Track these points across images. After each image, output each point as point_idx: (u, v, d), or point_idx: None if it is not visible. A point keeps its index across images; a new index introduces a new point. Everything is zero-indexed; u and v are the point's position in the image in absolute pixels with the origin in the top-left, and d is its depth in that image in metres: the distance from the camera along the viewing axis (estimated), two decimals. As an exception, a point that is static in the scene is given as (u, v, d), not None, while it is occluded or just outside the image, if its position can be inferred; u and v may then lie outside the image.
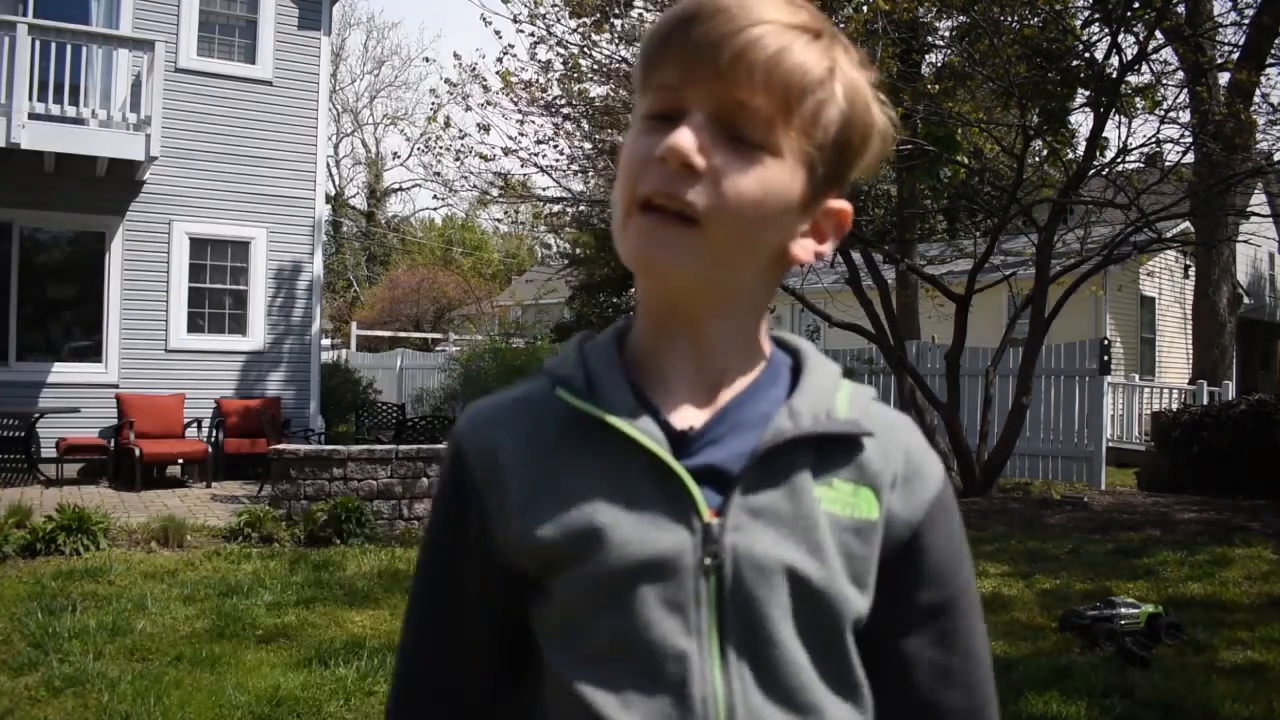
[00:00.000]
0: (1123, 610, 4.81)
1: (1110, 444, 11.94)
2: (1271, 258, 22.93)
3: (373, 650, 4.54)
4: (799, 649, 0.76)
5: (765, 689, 0.75)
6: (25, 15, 9.90)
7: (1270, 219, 20.19)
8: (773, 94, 0.74)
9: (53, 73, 9.52)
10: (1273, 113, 10.28)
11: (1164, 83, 10.07)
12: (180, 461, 10.28)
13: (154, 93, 9.96)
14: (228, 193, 11.22)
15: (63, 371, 10.55)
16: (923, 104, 9.30)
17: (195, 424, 10.84)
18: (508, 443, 0.81)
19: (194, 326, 11.19)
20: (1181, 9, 11.19)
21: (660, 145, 0.74)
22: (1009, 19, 9.05)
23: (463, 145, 11.07)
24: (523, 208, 14.77)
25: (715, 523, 0.76)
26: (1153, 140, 9.88)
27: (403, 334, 26.46)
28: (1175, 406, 12.66)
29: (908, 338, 12.28)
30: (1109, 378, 11.38)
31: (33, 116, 9.40)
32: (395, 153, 63.12)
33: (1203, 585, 5.98)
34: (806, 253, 0.82)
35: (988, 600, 5.69)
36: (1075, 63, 9.39)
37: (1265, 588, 5.92)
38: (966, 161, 10.96)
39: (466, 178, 11.97)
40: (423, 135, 27.31)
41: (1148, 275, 18.80)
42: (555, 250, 26.88)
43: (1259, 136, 10.28)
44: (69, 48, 9.61)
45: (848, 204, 0.83)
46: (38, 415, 10.01)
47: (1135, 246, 10.51)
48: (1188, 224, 13.60)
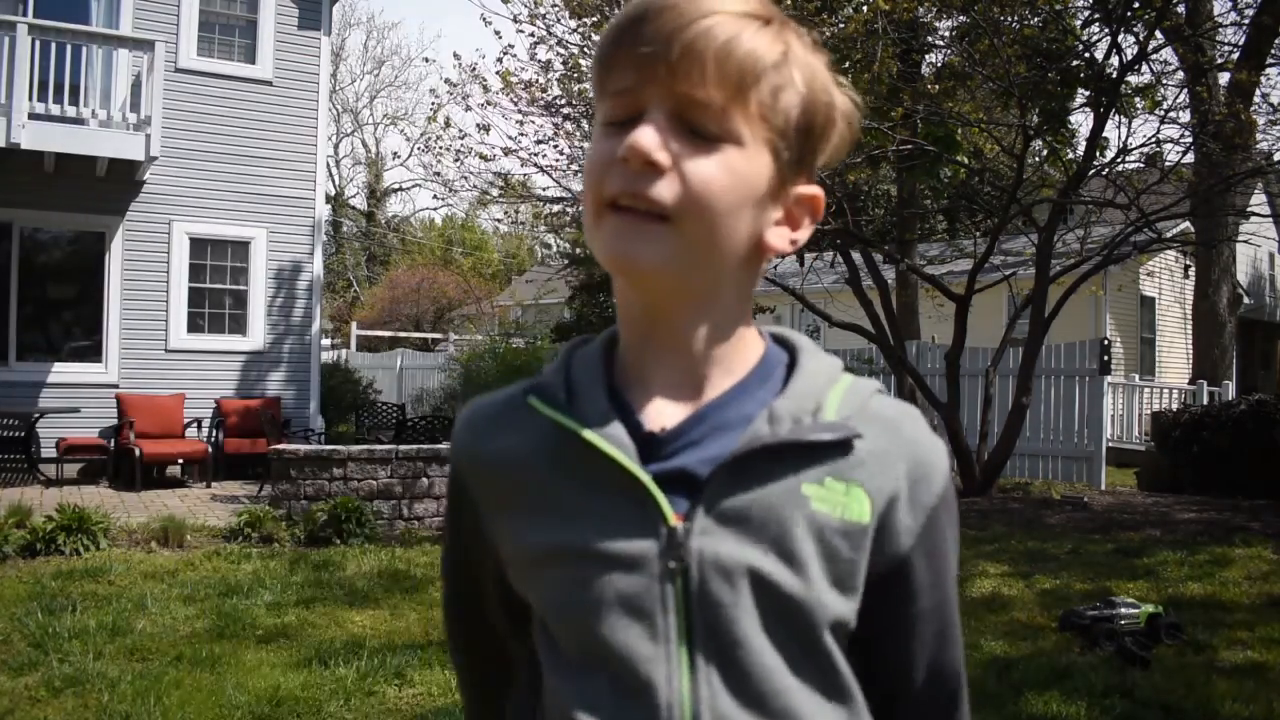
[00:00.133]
0: (1123, 610, 4.80)
1: (1110, 444, 11.93)
2: (1271, 258, 22.93)
3: (373, 650, 4.54)
4: (772, 654, 0.75)
5: (735, 694, 0.74)
6: (25, 15, 9.90)
7: (1270, 219, 20.20)
8: (726, 83, 0.74)
9: (53, 73, 9.52)
10: (1273, 113, 10.29)
11: (1164, 83, 10.07)
12: (180, 461, 10.28)
13: (154, 93, 9.96)
14: (228, 193, 11.22)
15: (63, 371, 10.55)
16: (923, 104, 9.29)
17: (195, 424, 10.85)
18: (492, 449, 0.83)
19: (194, 326, 11.19)
20: (1181, 9, 11.19)
21: (622, 146, 0.74)
22: (1009, 19, 9.04)
23: (463, 145, 11.05)
24: (523, 208, 14.77)
25: (680, 527, 0.75)
26: (1153, 140, 9.88)
27: (403, 334, 26.45)
28: (1175, 406, 12.66)
29: (908, 338, 12.27)
30: (1109, 378, 11.37)
31: (33, 116, 9.40)
32: (395, 153, 63.15)
33: (1203, 585, 5.98)
34: (782, 241, 0.81)
35: (987, 600, 5.69)
36: (1075, 63, 9.39)
37: (1265, 588, 5.92)
38: (966, 161, 10.95)
39: (466, 178, 11.95)
40: (423, 135, 27.33)
41: (1148, 275, 18.80)
42: (555, 250, 26.84)
43: (1259, 136, 10.28)
44: (69, 48, 9.61)
45: (818, 189, 0.83)
46: (38, 415, 10.01)
47: (1135, 246, 10.50)
48: (1188, 224, 13.60)
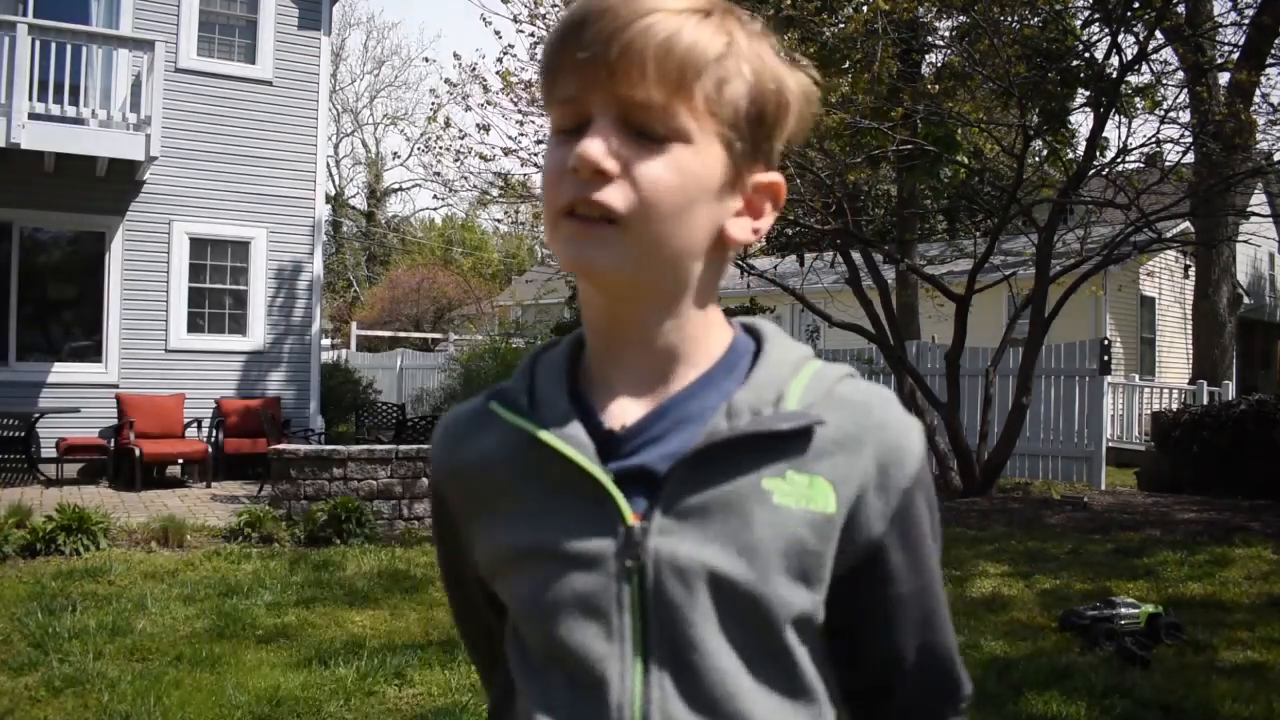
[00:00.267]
0: (1123, 610, 4.80)
1: (1110, 444, 11.93)
2: (1271, 258, 22.93)
3: (373, 650, 4.54)
4: (728, 655, 0.74)
5: (686, 697, 0.74)
6: (25, 15, 9.90)
7: (1270, 219, 20.20)
8: (667, 82, 0.74)
9: (53, 73, 9.52)
10: (1273, 113, 10.28)
11: (1164, 83, 10.07)
12: (180, 461, 10.28)
13: (154, 93, 9.96)
14: (228, 193, 11.22)
15: (63, 371, 10.55)
16: (923, 104, 9.29)
17: (195, 424, 10.85)
18: (465, 456, 0.85)
19: (194, 326, 11.19)
20: (1181, 9, 11.18)
21: (571, 156, 0.74)
22: (1009, 19, 9.04)
23: (463, 145, 11.05)
24: (523, 208, 14.76)
25: (638, 527, 0.75)
26: (1153, 140, 9.87)
27: (403, 334, 26.45)
28: (1175, 406, 12.66)
29: (908, 338, 12.27)
30: (1109, 378, 11.37)
31: (33, 116, 9.40)
32: (395, 153, 63.17)
33: (1203, 585, 5.98)
34: (744, 231, 0.81)
35: (987, 600, 5.68)
36: (1075, 63, 9.39)
37: (1265, 588, 5.91)
38: (966, 161, 10.95)
39: (466, 178, 11.95)
40: (423, 135, 27.33)
41: (1148, 275, 18.80)
42: (555, 250, 26.79)
43: (1259, 136, 10.27)
44: (69, 48, 9.61)
45: (778, 176, 0.82)
46: (38, 415, 10.01)
47: (1135, 246, 10.50)
48: (1188, 224, 13.60)
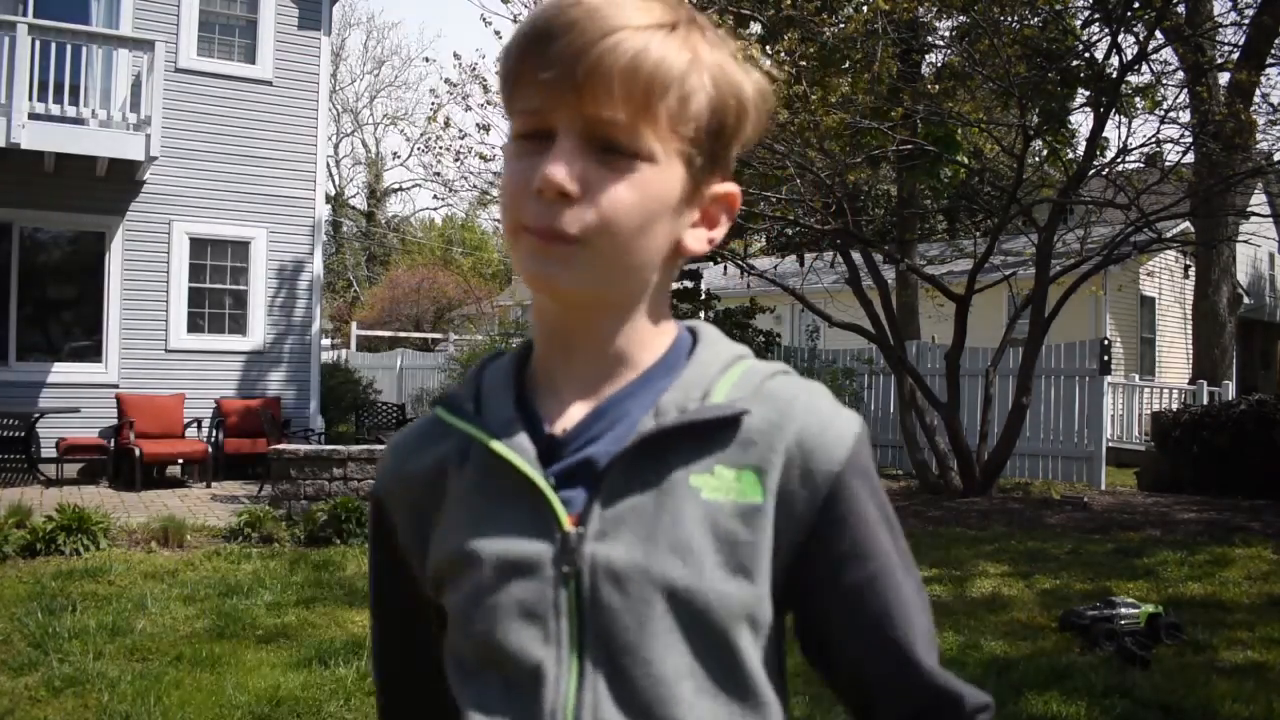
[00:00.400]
0: (1123, 610, 4.81)
1: (1110, 444, 11.93)
2: (1271, 258, 22.93)
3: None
4: (664, 659, 0.74)
5: (620, 701, 0.73)
6: (25, 15, 9.90)
7: (1270, 219, 20.19)
8: (633, 101, 0.73)
9: (53, 73, 9.51)
10: (1273, 113, 10.28)
11: (1164, 83, 10.08)
12: (180, 461, 10.28)
13: (154, 93, 9.96)
14: (228, 193, 11.22)
15: (63, 371, 10.55)
16: (923, 104, 9.30)
17: (195, 424, 10.84)
18: (411, 468, 0.86)
19: (194, 326, 11.19)
20: (1181, 9, 11.19)
21: (536, 177, 0.74)
22: (1009, 19, 9.04)
23: (463, 145, 11.04)
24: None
25: (573, 532, 0.76)
26: (1153, 140, 9.87)
27: (403, 334, 26.45)
28: (1175, 406, 12.65)
29: (908, 338, 12.27)
30: (1109, 378, 11.37)
31: (33, 116, 9.40)
32: (395, 153, 63.12)
33: (1203, 585, 5.98)
34: (699, 243, 0.82)
35: (987, 600, 5.69)
36: (1075, 63, 9.39)
37: (1265, 588, 5.92)
38: (966, 161, 10.96)
39: (466, 178, 11.96)
40: (423, 135, 27.31)
41: (1148, 275, 18.80)
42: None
43: (1259, 136, 10.27)
44: (69, 48, 9.60)
45: (734, 186, 0.83)
46: (38, 415, 10.01)
47: (1135, 246, 10.49)
48: (1188, 224, 13.60)
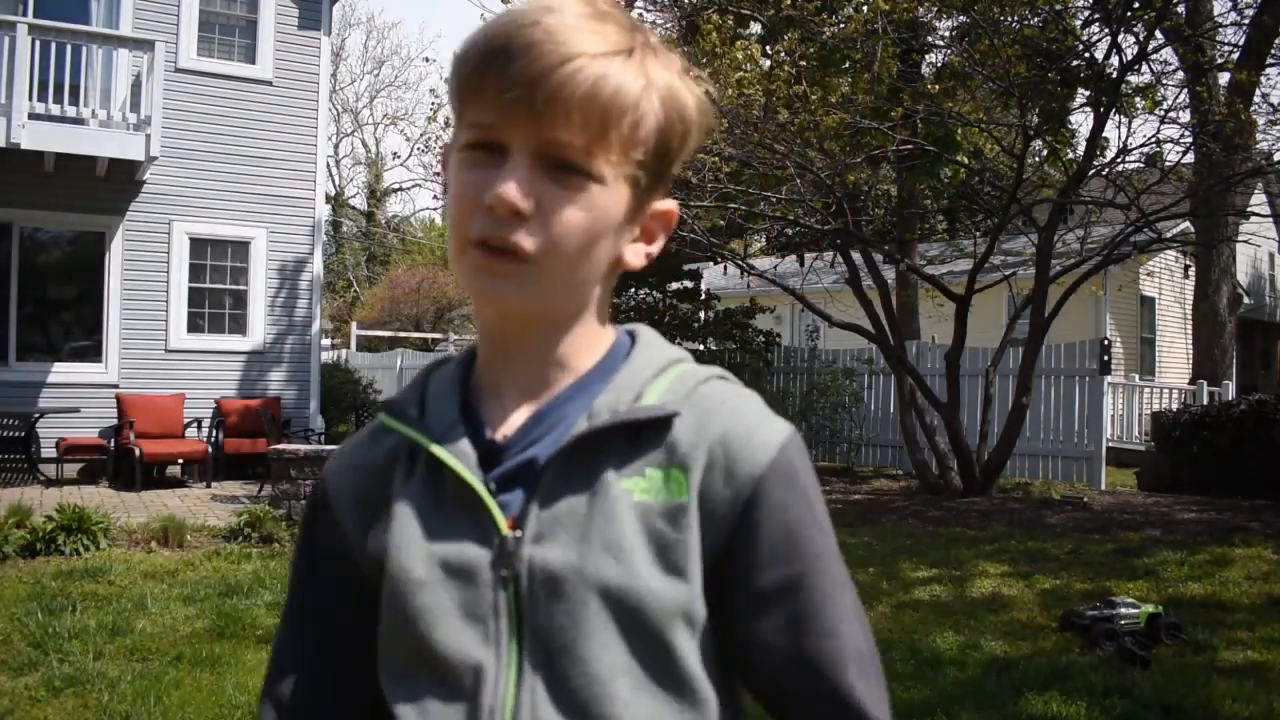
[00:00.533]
0: (1123, 610, 4.80)
1: (1110, 444, 11.93)
2: (1271, 258, 22.93)
3: (373, 650, 4.53)
4: (600, 658, 0.75)
5: (557, 701, 0.75)
6: (25, 15, 9.89)
7: (1270, 219, 20.20)
8: (590, 127, 0.75)
9: (53, 73, 9.51)
10: (1273, 113, 10.28)
11: (1164, 83, 10.07)
12: (180, 461, 10.28)
13: (154, 93, 9.96)
14: (228, 193, 11.22)
15: (63, 371, 10.55)
16: (923, 104, 9.30)
17: (195, 424, 10.84)
18: (357, 460, 0.87)
19: (194, 326, 11.18)
20: (1181, 9, 11.19)
21: (488, 194, 0.75)
22: (1009, 19, 9.04)
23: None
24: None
25: (511, 536, 0.77)
26: (1153, 140, 9.87)
27: (403, 334, 26.46)
28: (1175, 406, 12.65)
29: (908, 338, 12.27)
30: (1109, 378, 11.37)
31: (33, 116, 9.40)
32: (395, 153, 62.84)
33: (1203, 585, 5.98)
34: (638, 258, 0.84)
35: (987, 600, 5.68)
36: (1075, 63, 9.39)
37: (1265, 588, 5.92)
38: (966, 161, 10.97)
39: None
40: (423, 135, 27.33)
41: (1148, 275, 18.80)
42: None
43: (1259, 136, 10.27)
44: (69, 48, 9.60)
45: (673, 203, 0.85)
46: (38, 415, 10.00)
47: (1135, 246, 10.49)
48: (1188, 224, 13.60)
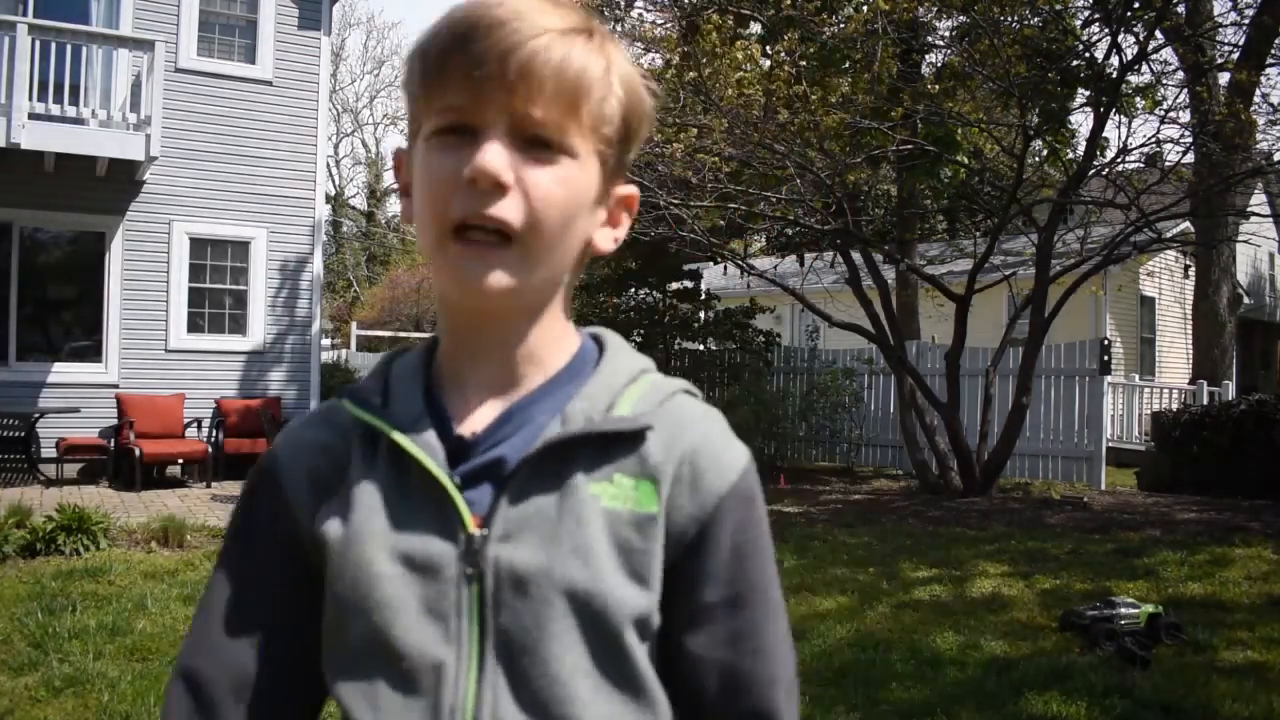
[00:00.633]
0: (1123, 610, 4.81)
1: (1110, 444, 11.93)
2: (1271, 258, 22.93)
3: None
4: (562, 659, 0.75)
5: (519, 700, 0.75)
6: (25, 15, 9.89)
7: (1270, 219, 20.19)
8: (561, 101, 0.76)
9: (53, 73, 9.51)
10: (1273, 113, 10.27)
11: (1164, 83, 10.06)
12: (180, 461, 10.27)
13: (154, 93, 9.95)
14: (228, 193, 11.22)
15: (63, 371, 10.54)
16: (923, 104, 9.30)
17: (195, 424, 10.84)
18: (312, 437, 0.86)
19: (194, 326, 11.18)
20: (1181, 9, 11.18)
21: (469, 167, 0.74)
22: (1009, 19, 9.04)
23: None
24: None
25: (478, 534, 0.76)
26: (1153, 140, 9.86)
27: (403, 334, 26.45)
28: (1175, 406, 12.65)
29: (908, 338, 12.27)
30: (1109, 378, 11.37)
31: (33, 116, 9.39)
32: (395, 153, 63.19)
33: (1203, 585, 5.98)
34: (607, 241, 0.85)
35: (987, 600, 5.69)
36: (1075, 63, 9.38)
37: (1265, 588, 5.92)
38: (966, 161, 10.96)
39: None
40: (423, 135, 27.28)
41: (1148, 275, 18.80)
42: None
43: (1259, 136, 10.26)
44: (69, 48, 9.59)
45: (634, 188, 0.87)
46: (38, 415, 10.00)
47: (1135, 246, 10.49)
48: (1188, 224, 13.60)
